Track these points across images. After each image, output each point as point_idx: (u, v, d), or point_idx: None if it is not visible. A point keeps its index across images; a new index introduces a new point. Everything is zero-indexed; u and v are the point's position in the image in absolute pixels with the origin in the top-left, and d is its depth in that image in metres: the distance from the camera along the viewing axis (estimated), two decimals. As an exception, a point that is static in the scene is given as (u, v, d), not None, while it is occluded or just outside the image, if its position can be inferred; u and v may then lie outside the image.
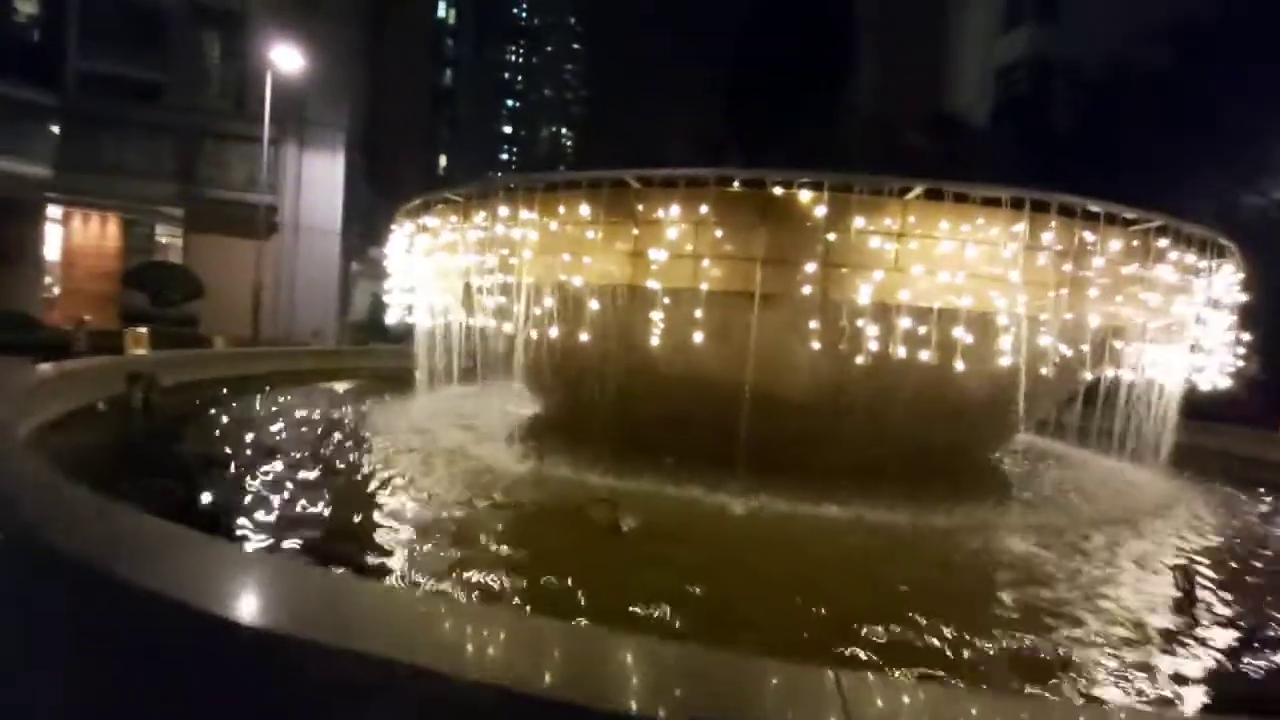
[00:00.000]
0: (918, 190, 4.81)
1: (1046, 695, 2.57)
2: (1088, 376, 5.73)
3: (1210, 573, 4.25)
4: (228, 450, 5.62)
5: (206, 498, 4.30)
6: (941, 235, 4.79)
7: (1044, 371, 5.00)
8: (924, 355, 4.77)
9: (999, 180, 5.35)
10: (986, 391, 5.24)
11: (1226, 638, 3.29)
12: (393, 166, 32.35)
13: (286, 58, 19.40)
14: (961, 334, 4.78)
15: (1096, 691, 2.67)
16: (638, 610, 2.96)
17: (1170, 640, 3.21)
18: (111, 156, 23.01)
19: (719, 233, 4.98)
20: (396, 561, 3.49)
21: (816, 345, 4.81)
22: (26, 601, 2.10)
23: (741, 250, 4.97)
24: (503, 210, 5.77)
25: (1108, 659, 2.93)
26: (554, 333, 5.61)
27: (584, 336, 5.42)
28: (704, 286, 5.01)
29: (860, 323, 4.78)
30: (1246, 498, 6.91)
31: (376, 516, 4.20)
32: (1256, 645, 3.22)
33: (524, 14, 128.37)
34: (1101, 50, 25.90)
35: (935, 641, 2.92)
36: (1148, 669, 2.89)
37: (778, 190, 4.91)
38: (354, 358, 14.72)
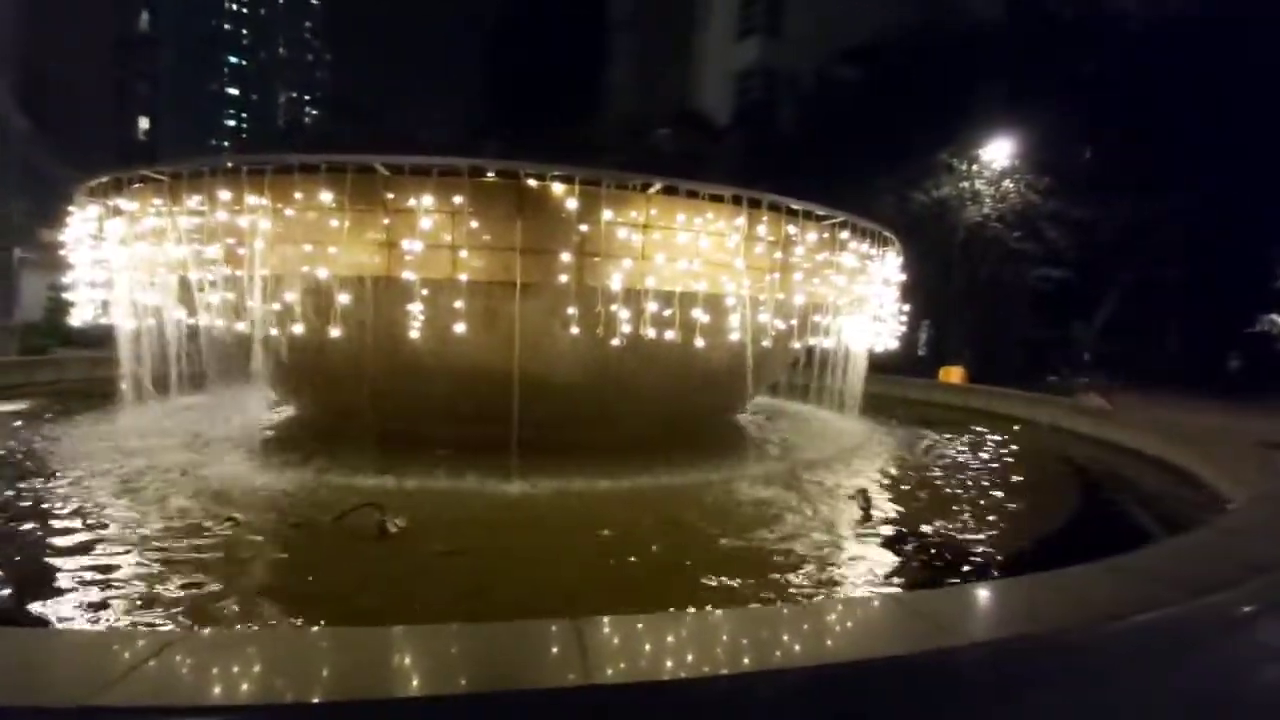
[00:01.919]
0: (657, 186, 5.32)
1: (779, 603, 3.15)
2: (798, 345, 6.89)
3: (884, 490, 5.56)
4: None
5: None
6: (679, 227, 5.37)
7: (765, 343, 5.91)
8: (670, 334, 5.33)
9: (733, 178, 6.14)
10: (725, 363, 6.02)
11: (892, 535, 4.37)
12: (75, 129, 25.96)
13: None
14: (700, 314, 5.43)
15: (803, 588, 3.37)
16: (414, 607, 2.95)
17: (853, 542, 4.19)
18: None
19: (476, 223, 4.98)
20: (118, 606, 2.96)
21: (576, 330, 5.10)
22: None
23: (500, 241, 5.04)
24: (224, 194, 5.07)
25: (811, 563, 3.74)
26: (300, 329, 5.13)
27: (336, 332, 5.06)
28: (463, 277, 4.98)
29: (614, 307, 5.17)
30: (913, 430, 8.95)
31: (84, 559, 3.49)
32: (913, 539, 4.29)
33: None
34: (813, 64, 30.53)
35: (687, 576, 3.45)
36: (837, 564, 3.77)
37: (532, 183, 5.06)
38: (25, 370, 11.56)
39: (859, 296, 6.99)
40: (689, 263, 5.37)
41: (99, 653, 1.85)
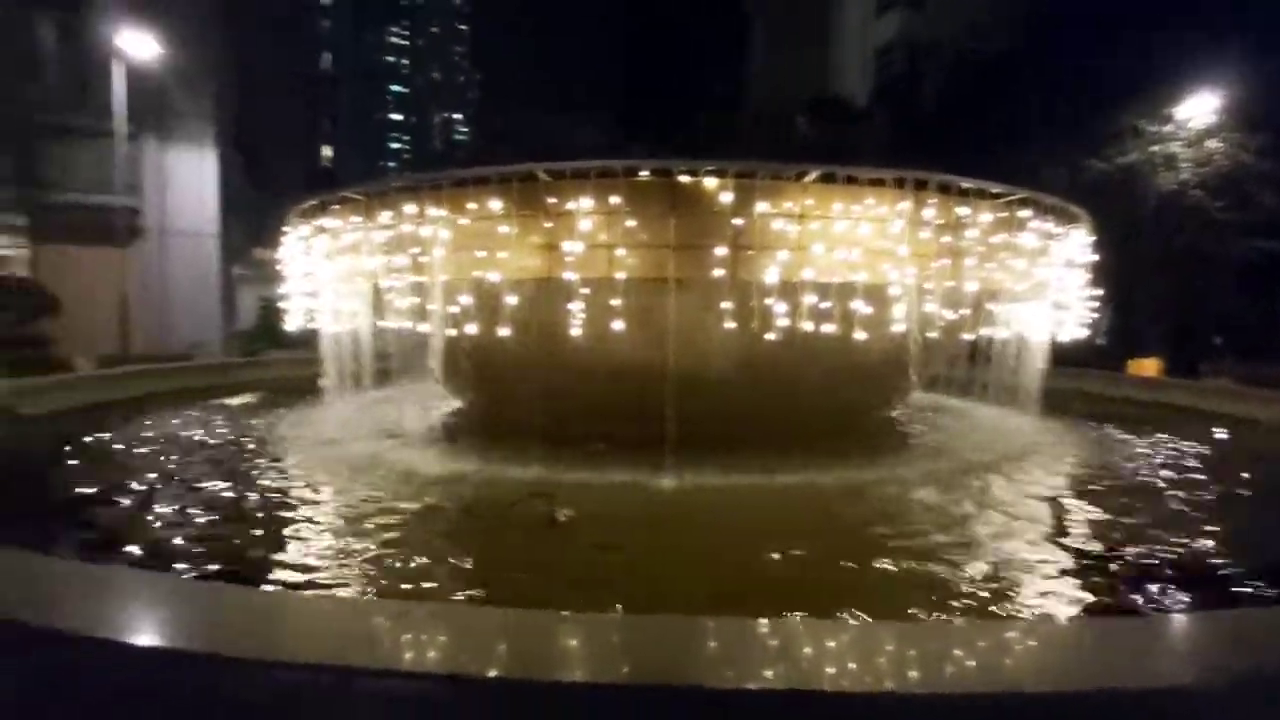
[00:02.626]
0: (813, 175, 5.13)
1: (950, 620, 2.91)
2: (968, 337, 6.34)
3: (1076, 502, 4.93)
4: (116, 481, 5.13)
5: (102, 533, 3.97)
6: (836, 216, 5.13)
7: (932, 335, 5.49)
8: (828, 327, 5.11)
9: (883, 160, 5.78)
10: (885, 357, 5.70)
11: (1090, 557, 3.83)
12: (273, 161, 30.09)
13: (138, 44, 17.51)
14: (860, 305, 5.16)
15: (990, 610, 3.06)
16: (581, 594, 3.07)
17: (1045, 562, 3.70)
18: (-73, 159, 20.01)
19: (631, 222, 5.09)
20: (324, 575, 3.38)
21: (731, 325, 5.05)
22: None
23: (654, 238, 5.12)
24: (409, 208, 5.60)
25: (996, 582, 3.36)
26: (472, 329, 5.54)
27: (503, 331, 5.40)
28: (620, 275, 5.12)
29: (769, 301, 5.06)
30: (1099, 430, 7.93)
31: (296, 532, 4.02)
32: (1114, 561, 3.76)
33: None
34: (963, 32, 28.07)
35: (862, 584, 3.25)
36: (1027, 587, 3.35)
37: (685, 179, 5.08)
38: (245, 370, 13.66)
39: (1039, 281, 6.30)
40: (847, 252, 5.12)
41: (344, 617, 2.10)
